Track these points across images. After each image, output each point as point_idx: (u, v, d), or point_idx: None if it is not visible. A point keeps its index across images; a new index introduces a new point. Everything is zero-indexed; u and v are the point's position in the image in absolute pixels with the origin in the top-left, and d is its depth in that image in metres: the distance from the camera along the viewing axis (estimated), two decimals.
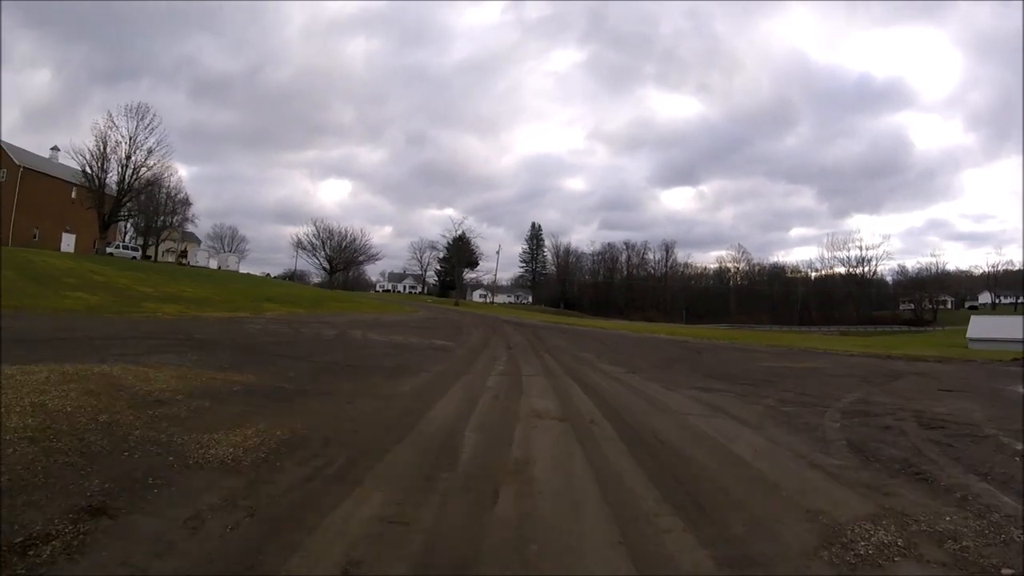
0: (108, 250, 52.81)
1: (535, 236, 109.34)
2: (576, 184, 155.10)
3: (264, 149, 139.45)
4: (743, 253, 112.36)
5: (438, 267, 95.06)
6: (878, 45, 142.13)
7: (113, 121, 47.51)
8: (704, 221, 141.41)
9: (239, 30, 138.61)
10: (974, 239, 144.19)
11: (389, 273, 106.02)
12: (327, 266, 76.24)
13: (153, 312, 19.70)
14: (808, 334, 62.74)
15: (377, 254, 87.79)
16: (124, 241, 76.82)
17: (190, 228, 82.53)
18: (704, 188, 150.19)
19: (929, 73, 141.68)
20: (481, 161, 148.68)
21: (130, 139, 47.86)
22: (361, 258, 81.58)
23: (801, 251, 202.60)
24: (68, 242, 54.21)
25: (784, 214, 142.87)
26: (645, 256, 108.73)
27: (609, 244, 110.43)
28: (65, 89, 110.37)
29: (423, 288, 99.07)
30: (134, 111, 47.96)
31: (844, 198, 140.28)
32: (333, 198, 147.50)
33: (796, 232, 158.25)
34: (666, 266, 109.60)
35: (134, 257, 54.53)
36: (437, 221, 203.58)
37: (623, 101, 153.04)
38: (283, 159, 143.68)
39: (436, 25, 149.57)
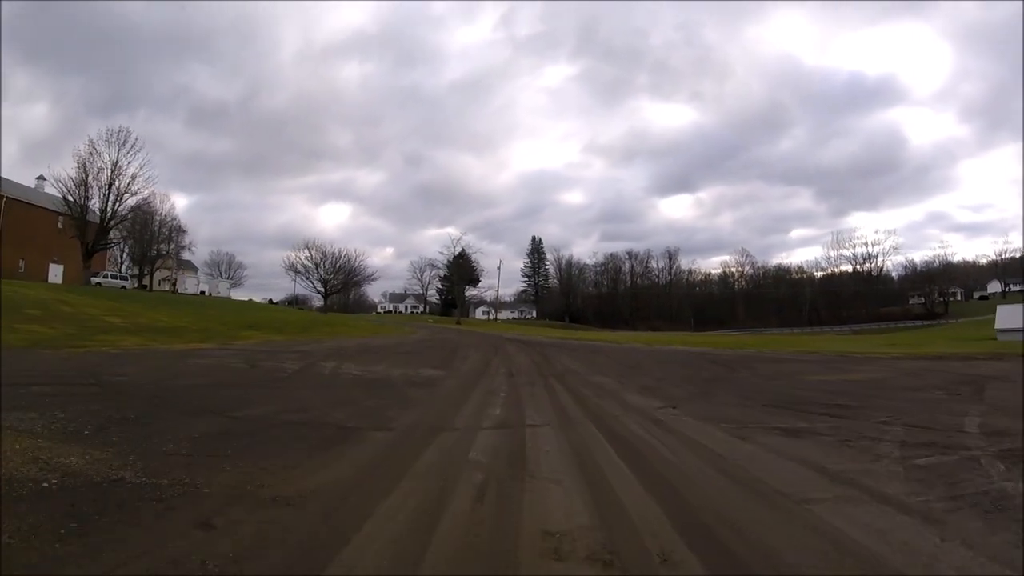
0: (95, 280, 50.20)
1: (536, 250, 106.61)
2: (574, 197, 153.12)
3: (263, 175, 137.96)
4: (747, 257, 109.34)
5: (439, 286, 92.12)
6: (867, 44, 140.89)
7: (95, 147, 45.19)
8: (703, 228, 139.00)
9: (233, 57, 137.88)
10: (974, 229, 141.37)
11: (390, 294, 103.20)
12: (322, 289, 72.91)
13: (106, 346, 16.81)
14: (824, 336, 59.32)
15: (373, 274, 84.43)
16: (118, 270, 74.40)
17: (187, 256, 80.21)
18: (702, 195, 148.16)
19: (919, 68, 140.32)
20: (479, 179, 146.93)
21: (112, 165, 45.46)
22: (356, 279, 78.32)
23: (802, 252, 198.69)
24: (56, 273, 51.75)
25: (783, 216, 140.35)
26: (648, 265, 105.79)
27: (612, 254, 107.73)
28: (63, 121, 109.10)
29: (424, 307, 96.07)
30: (115, 136, 45.63)
31: (842, 197, 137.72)
32: (333, 222, 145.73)
33: (796, 234, 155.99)
34: (670, 274, 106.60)
35: (123, 287, 51.87)
36: (438, 240, 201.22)
37: (617, 113, 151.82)
38: (282, 185, 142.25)
39: (429, 46, 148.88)
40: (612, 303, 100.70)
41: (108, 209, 45.43)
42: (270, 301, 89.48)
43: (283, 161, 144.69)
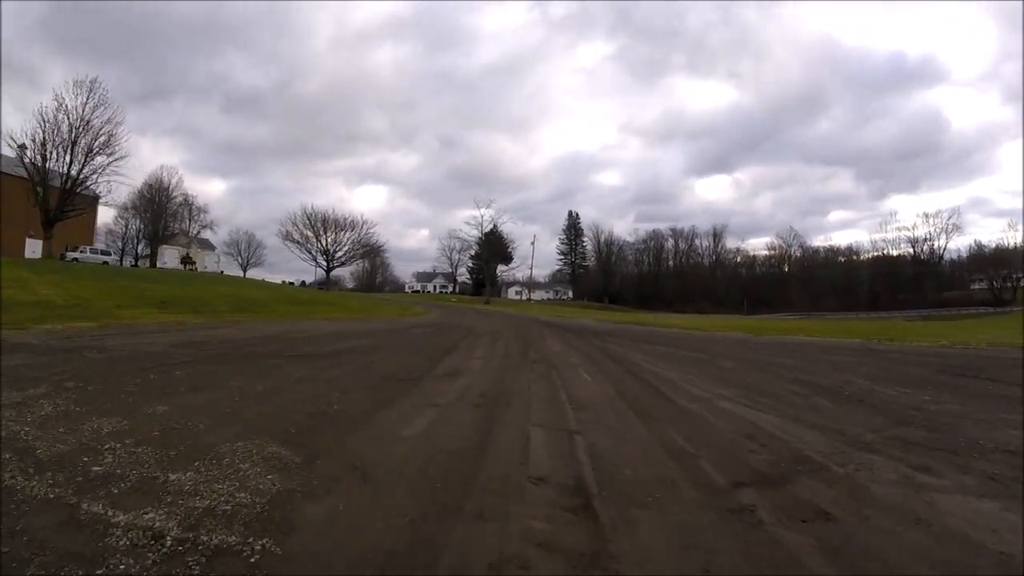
0: (72, 255, 41.87)
1: (573, 225, 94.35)
2: (610, 179, 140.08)
3: (299, 159, 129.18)
4: (794, 237, 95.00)
5: (470, 263, 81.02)
6: (908, 21, 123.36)
7: (60, 101, 36.24)
8: (741, 211, 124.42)
9: (268, 45, 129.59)
10: (1015, 215, 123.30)
11: (418, 273, 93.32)
12: (324, 262, 59.31)
13: None
14: (907, 321, 47.62)
15: (383, 245, 70.25)
16: (134, 246, 66.63)
17: (207, 235, 72.38)
18: (740, 175, 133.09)
19: (962, 47, 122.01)
20: (514, 161, 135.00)
21: (81, 120, 36.46)
22: (364, 249, 63.97)
23: (842, 235, 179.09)
24: (34, 248, 43.54)
25: (821, 199, 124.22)
26: (693, 243, 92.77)
27: (654, 231, 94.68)
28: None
29: (454, 287, 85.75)
30: (81, 87, 36.51)
31: (882, 179, 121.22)
32: (370, 205, 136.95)
33: (835, 216, 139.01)
34: (716, 254, 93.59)
35: (105, 263, 43.37)
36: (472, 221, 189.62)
37: (653, 92, 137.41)
38: (318, 168, 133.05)
39: (462, 28, 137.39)
40: (654, 283, 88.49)
41: (74, 169, 36.47)
42: (302, 283, 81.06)
43: (319, 145, 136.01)
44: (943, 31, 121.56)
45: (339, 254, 59.30)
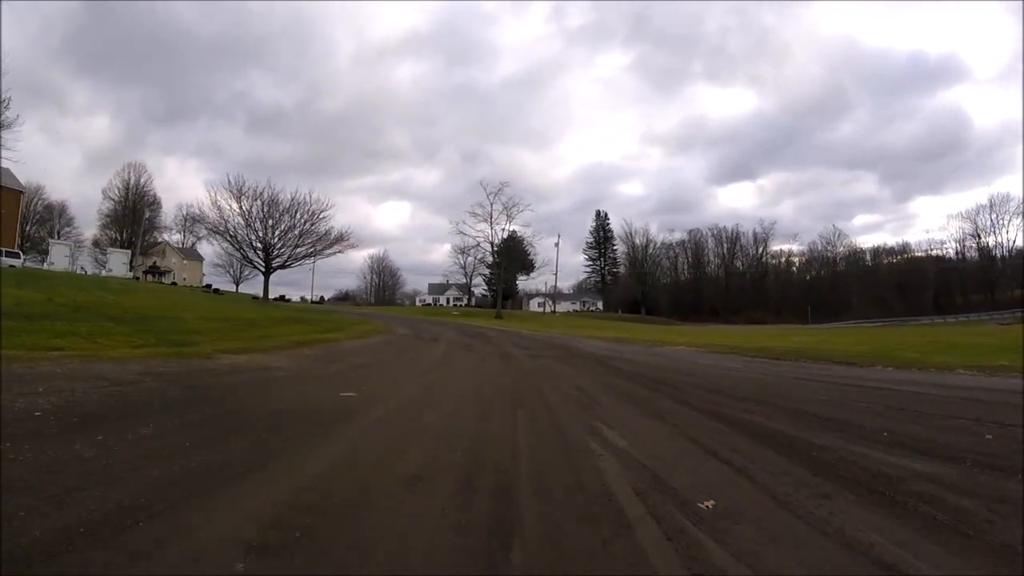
0: None
1: (601, 227, 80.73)
2: (632, 189, 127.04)
3: (322, 177, 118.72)
4: (839, 237, 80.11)
5: (487, 272, 68.04)
6: (927, 20, 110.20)
7: None
8: (764, 217, 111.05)
9: (290, 62, 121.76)
10: None
11: (431, 285, 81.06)
12: (261, 263, 35.55)
13: None
14: (1003, 324, 33.82)
15: (344, 235, 38.73)
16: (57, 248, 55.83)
17: (201, 247, 61.60)
18: (763, 182, 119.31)
19: (982, 43, 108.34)
20: (535, 174, 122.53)
21: None
22: (315, 243, 37.09)
23: (866, 239, 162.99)
24: None
25: (845, 203, 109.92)
26: (737, 245, 78.61)
27: (692, 231, 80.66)
28: (125, 132, 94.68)
29: (469, 299, 73.16)
30: None
31: (905, 181, 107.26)
32: (393, 220, 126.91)
33: (860, 220, 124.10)
34: (761, 257, 79.42)
35: (12, 266, 32.35)
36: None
37: (674, 101, 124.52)
38: (342, 186, 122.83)
39: (481, 43, 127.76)
40: (694, 291, 74.75)
41: None
42: (320, 299, 70.21)
43: (342, 162, 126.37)
44: (963, 28, 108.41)
45: (280, 247, 35.72)
